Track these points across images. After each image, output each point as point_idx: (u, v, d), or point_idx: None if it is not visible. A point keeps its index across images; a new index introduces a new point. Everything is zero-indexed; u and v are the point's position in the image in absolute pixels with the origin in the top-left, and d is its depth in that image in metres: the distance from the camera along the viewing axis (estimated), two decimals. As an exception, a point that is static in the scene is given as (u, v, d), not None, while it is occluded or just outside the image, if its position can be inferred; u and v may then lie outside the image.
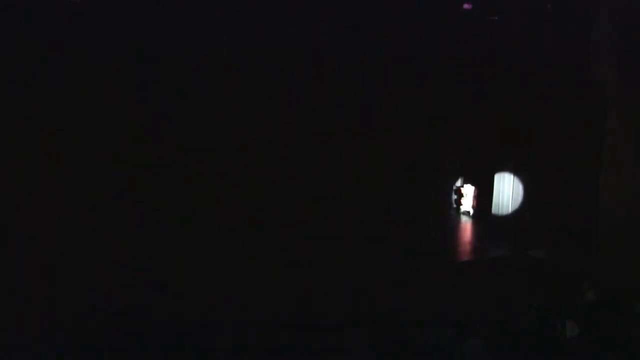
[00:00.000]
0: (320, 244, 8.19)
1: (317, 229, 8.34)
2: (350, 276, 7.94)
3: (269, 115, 8.69)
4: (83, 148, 8.12)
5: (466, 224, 10.43)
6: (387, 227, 8.64)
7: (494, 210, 10.36)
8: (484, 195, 10.55)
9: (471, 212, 10.85)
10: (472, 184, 10.90)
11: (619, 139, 9.04)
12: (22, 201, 7.85)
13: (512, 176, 10.17)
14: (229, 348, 6.53)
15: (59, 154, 8.09)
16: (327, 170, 8.74)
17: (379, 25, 8.93)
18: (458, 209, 10.93)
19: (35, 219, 7.83)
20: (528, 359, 6.60)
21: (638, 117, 9.02)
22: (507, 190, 10.26)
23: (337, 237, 8.30)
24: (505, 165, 10.18)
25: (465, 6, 9.24)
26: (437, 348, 6.55)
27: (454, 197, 11.04)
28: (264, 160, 8.67)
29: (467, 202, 10.88)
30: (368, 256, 8.24)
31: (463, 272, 8.33)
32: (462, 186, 10.99)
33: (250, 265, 7.91)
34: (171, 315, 7.10)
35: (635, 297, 7.35)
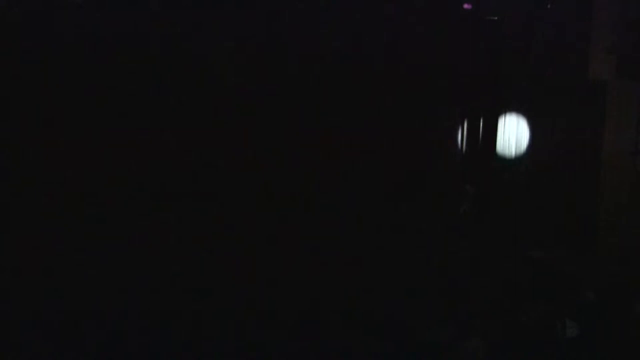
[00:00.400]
0: (321, 243, 8.18)
1: (318, 228, 8.32)
2: (350, 276, 7.94)
3: (266, 114, 8.65)
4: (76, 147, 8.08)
5: (466, 223, 10.39)
6: (387, 227, 8.62)
7: (493, 210, 10.33)
8: (484, 196, 10.52)
9: (471, 212, 10.80)
10: (472, 184, 10.86)
11: (619, 138, 9.05)
12: (20, 201, 7.84)
13: (511, 176, 10.15)
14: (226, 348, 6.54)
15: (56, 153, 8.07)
16: (326, 171, 8.71)
17: (376, 24, 8.91)
18: (458, 208, 10.88)
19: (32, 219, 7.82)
20: (528, 359, 6.60)
21: (638, 117, 9.04)
22: (507, 191, 10.23)
23: (337, 236, 8.29)
24: (504, 166, 10.16)
25: (465, 6, 9.23)
26: (437, 348, 6.55)
27: (454, 197, 10.99)
28: (263, 160, 8.64)
29: (467, 202, 10.83)
30: (367, 256, 8.23)
31: (463, 272, 8.32)
32: (462, 186, 10.94)
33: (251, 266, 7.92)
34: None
35: (635, 297, 7.35)
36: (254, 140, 8.42)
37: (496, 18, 9.30)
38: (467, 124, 9.67)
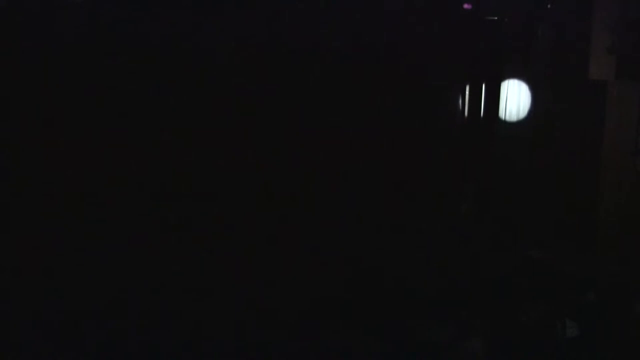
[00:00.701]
0: (320, 243, 8.18)
1: (317, 228, 8.33)
2: (350, 275, 7.94)
3: (267, 114, 8.66)
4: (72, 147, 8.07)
5: (466, 223, 10.40)
6: (387, 227, 8.62)
7: (494, 209, 10.33)
8: (484, 195, 10.52)
9: (471, 211, 10.79)
10: (471, 183, 10.85)
11: (619, 138, 9.06)
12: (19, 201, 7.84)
13: (511, 177, 10.15)
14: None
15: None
16: (325, 171, 8.72)
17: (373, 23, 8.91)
18: (458, 208, 10.87)
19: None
20: (528, 359, 6.60)
21: (638, 117, 9.04)
22: (508, 191, 10.22)
23: (337, 235, 8.30)
24: (504, 166, 10.16)
25: (465, 6, 9.23)
26: (437, 347, 6.55)
27: (454, 195, 10.98)
28: (263, 160, 8.64)
29: (467, 202, 10.82)
30: (367, 255, 8.24)
31: (463, 271, 8.32)
32: (461, 185, 10.93)
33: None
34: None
35: (635, 297, 7.36)
36: (255, 140, 8.43)
37: (496, 18, 9.30)
38: (466, 123, 9.68)
